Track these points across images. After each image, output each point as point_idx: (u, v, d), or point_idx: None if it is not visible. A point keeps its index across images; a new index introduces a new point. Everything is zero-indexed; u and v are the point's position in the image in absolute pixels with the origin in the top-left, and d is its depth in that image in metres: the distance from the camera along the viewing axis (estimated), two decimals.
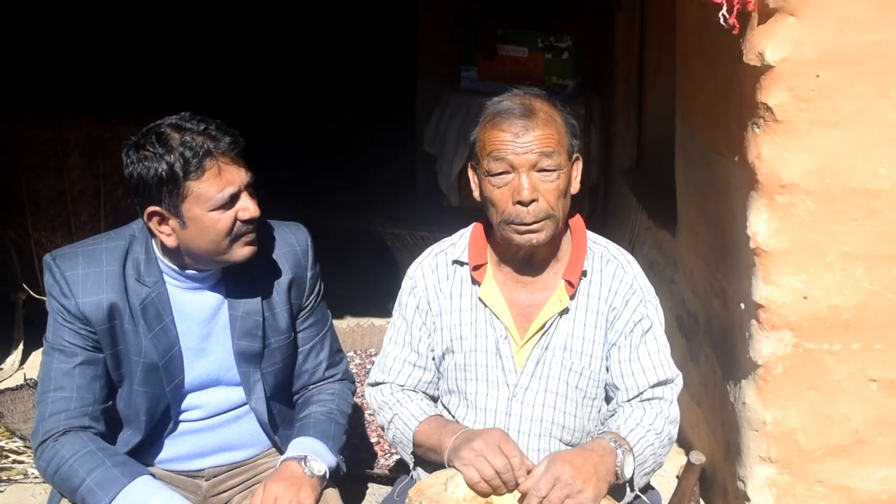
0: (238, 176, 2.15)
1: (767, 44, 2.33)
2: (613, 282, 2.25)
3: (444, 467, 2.09)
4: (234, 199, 2.15)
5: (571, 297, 2.23)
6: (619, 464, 2.03)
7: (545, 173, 2.12)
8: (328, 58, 8.38)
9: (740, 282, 2.65)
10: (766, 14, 2.32)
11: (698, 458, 2.81)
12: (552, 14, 5.64)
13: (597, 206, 5.69)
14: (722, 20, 2.34)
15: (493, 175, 2.13)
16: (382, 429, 2.39)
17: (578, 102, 5.54)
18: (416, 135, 6.11)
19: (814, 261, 2.46)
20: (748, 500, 2.67)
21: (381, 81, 7.83)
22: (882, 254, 2.44)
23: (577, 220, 2.32)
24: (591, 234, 2.33)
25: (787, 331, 2.50)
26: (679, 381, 2.26)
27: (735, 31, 2.35)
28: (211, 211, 2.14)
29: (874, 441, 2.56)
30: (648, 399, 2.21)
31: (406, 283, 2.39)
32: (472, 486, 1.99)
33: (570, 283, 2.22)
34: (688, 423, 3.47)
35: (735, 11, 2.31)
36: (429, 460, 2.24)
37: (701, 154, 3.10)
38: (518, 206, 2.11)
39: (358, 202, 6.56)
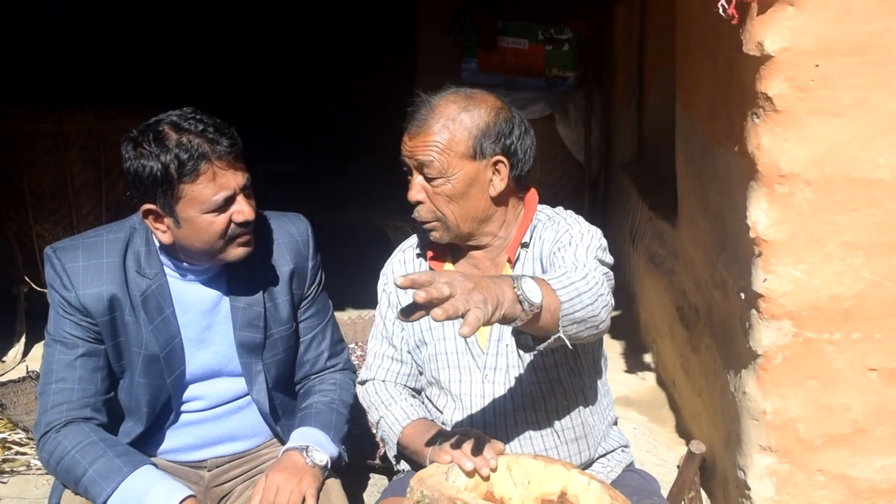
0: (234, 179, 2.15)
1: (767, 34, 2.33)
2: (547, 236, 2.25)
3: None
4: (228, 202, 2.15)
5: (514, 269, 2.24)
6: (515, 287, 1.76)
7: (429, 179, 2.16)
8: (331, 54, 8.40)
9: (740, 272, 2.65)
10: (765, 4, 2.32)
11: (698, 447, 2.83)
12: (553, 6, 5.65)
13: (598, 198, 5.70)
14: (721, 10, 2.35)
15: (406, 174, 2.21)
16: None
17: (579, 94, 5.55)
18: None
19: (813, 250, 2.46)
20: (748, 489, 2.67)
21: (383, 75, 7.85)
22: (881, 243, 2.44)
23: (531, 198, 2.32)
24: (544, 208, 2.33)
25: (787, 320, 2.51)
26: (608, 272, 2.13)
27: (734, 22, 2.35)
28: (205, 213, 2.14)
29: (874, 430, 2.57)
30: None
31: (380, 280, 2.44)
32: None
33: (509, 258, 2.25)
34: (688, 413, 3.48)
35: (734, 1, 2.32)
36: (414, 461, 2.28)
37: (701, 145, 3.10)
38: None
39: (359, 195, 6.58)
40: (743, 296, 2.64)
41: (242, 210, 2.17)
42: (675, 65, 3.61)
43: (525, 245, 2.26)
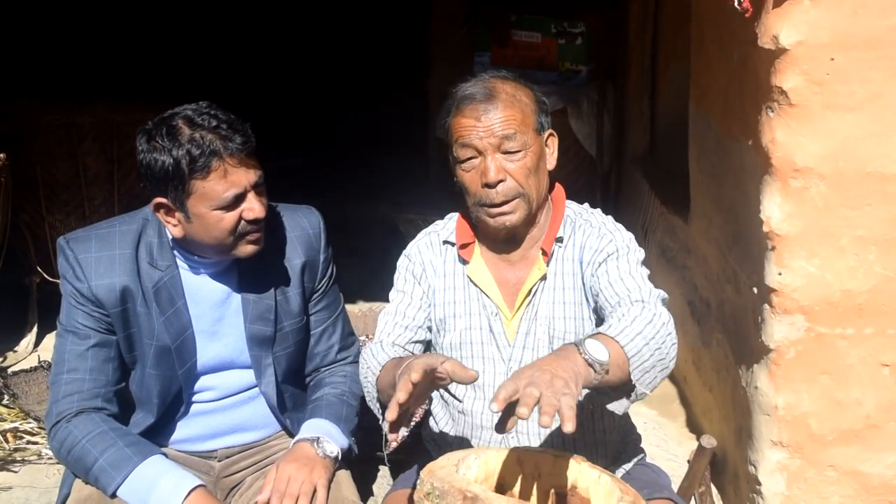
0: (245, 177, 2.15)
1: (782, 27, 2.32)
2: (586, 240, 2.25)
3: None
4: (239, 199, 2.15)
5: (548, 265, 2.24)
6: (582, 353, 1.80)
7: (510, 154, 2.15)
8: (345, 49, 8.42)
9: (753, 266, 2.65)
10: None
11: (710, 442, 2.82)
12: (566, 0, 5.63)
13: (609, 192, 5.68)
14: (736, 3, 2.34)
15: (462, 161, 2.19)
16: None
17: (592, 88, 5.53)
18: (429, 122, 6.13)
19: (827, 245, 2.45)
20: (759, 484, 2.67)
21: (396, 71, 7.85)
22: (895, 238, 2.43)
23: (559, 192, 2.34)
24: (571, 203, 2.34)
25: (799, 315, 2.50)
26: (665, 295, 2.18)
27: (748, 15, 2.34)
28: (215, 210, 2.14)
29: (886, 426, 2.56)
30: (635, 301, 2.10)
31: (402, 262, 2.39)
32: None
33: (544, 252, 2.24)
34: (699, 407, 3.48)
35: None
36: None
37: (715, 139, 3.09)
38: (486, 188, 2.15)
39: (371, 188, 6.58)
40: (755, 290, 2.63)
41: (253, 207, 2.17)
42: (688, 59, 3.60)
43: (559, 240, 2.25)
